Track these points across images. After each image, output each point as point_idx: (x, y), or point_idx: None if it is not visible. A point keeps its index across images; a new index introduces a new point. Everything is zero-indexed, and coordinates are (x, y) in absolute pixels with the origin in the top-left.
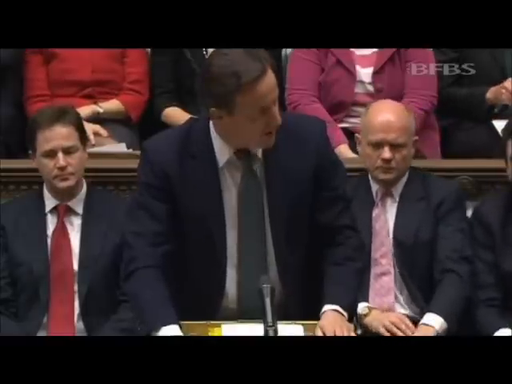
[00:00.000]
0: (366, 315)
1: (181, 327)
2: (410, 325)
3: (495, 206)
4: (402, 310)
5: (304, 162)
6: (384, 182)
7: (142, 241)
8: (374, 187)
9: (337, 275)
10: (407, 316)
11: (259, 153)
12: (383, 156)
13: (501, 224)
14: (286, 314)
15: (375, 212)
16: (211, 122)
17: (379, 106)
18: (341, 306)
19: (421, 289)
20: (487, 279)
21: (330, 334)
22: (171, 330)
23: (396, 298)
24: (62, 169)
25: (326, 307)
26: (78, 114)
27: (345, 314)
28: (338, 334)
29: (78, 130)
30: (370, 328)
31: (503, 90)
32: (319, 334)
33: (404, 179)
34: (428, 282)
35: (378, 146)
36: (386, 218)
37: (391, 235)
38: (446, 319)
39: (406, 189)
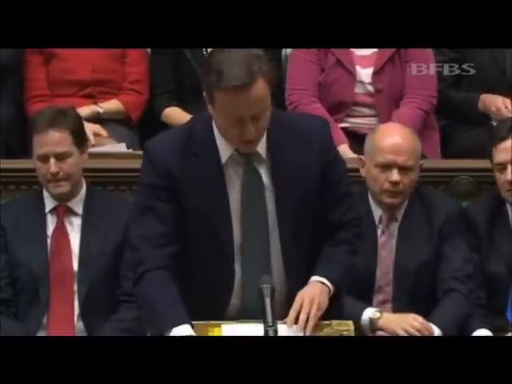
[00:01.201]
0: (378, 318)
1: (193, 327)
2: (429, 326)
3: (482, 209)
4: None
5: (309, 161)
6: (389, 207)
7: (149, 243)
8: (377, 211)
9: (329, 252)
10: None
11: (263, 152)
12: (392, 179)
13: (487, 226)
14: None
15: (382, 239)
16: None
17: (387, 129)
18: (327, 279)
19: (423, 314)
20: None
21: (296, 304)
22: (183, 330)
23: None
24: (53, 174)
25: (313, 278)
26: (76, 117)
27: (330, 286)
28: (305, 307)
29: (74, 134)
30: (385, 330)
31: (492, 108)
32: (298, 301)
33: (405, 202)
34: (430, 306)
35: (385, 167)
36: (392, 244)
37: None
38: (443, 332)
39: (408, 212)
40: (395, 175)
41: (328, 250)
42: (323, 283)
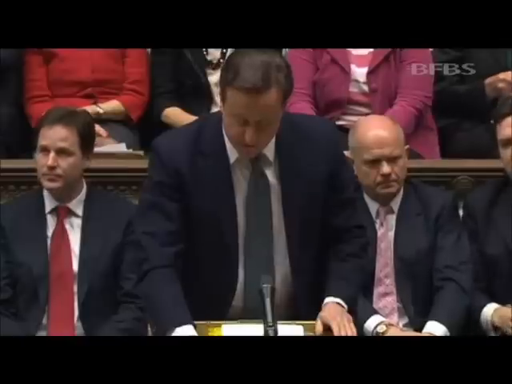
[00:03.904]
0: (383, 333)
1: (195, 327)
2: None
3: (482, 194)
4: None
5: (316, 164)
6: (386, 197)
7: (155, 241)
8: (373, 206)
9: (339, 270)
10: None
11: (271, 155)
12: (383, 171)
13: (485, 210)
14: (297, 313)
15: (380, 231)
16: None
17: (367, 123)
18: (342, 299)
19: (426, 303)
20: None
21: (331, 323)
22: (186, 331)
23: (401, 316)
24: (50, 168)
25: (328, 300)
26: (87, 120)
27: (345, 306)
28: (340, 323)
29: (81, 136)
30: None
31: (500, 84)
32: (319, 325)
33: (401, 193)
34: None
35: (375, 162)
36: (390, 236)
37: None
38: (448, 328)
39: (404, 203)
40: (385, 168)
41: (337, 267)
42: (339, 303)
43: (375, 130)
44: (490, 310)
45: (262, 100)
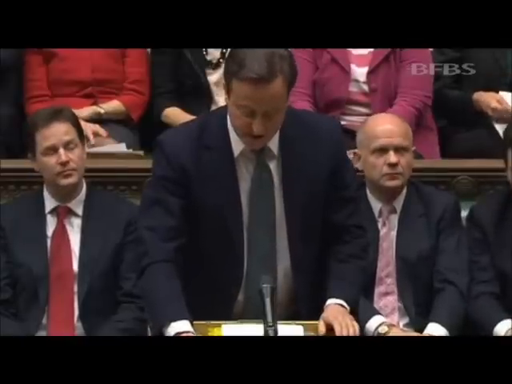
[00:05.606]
0: (385, 334)
1: (192, 323)
2: None
3: (489, 207)
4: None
5: (319, 160)
6: (390, 193)
7: (155, 235)
8: (376, 205)
9: (340, 271)
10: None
11: (275, 149)
12: (390, 160)
13: (494, 225)
14: (297, 310)
15: (383, 231)
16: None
17: (376, 119)
18: (344, 300)
19: (427, 304)
20: (484, 276)
21: (333, 322)
22: (182, 326)
23: (401, 316)
24: (64, 164)
25: (330, 301)
26: (72, 112)
27: (347, 307)
28: (342, 322)
29: (75, 127)
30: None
31: (489, 111)
32: (322, 325)
33: (404, 192)
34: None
35: (382, 151)
36: (392, 236)
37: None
38: (449, 330)
39: (407, 204)
40: (392, 157)
41: (338, 268)
42: (341, 305)
43: (385, 125)
44: (503, 328)
45: (269, 90)
